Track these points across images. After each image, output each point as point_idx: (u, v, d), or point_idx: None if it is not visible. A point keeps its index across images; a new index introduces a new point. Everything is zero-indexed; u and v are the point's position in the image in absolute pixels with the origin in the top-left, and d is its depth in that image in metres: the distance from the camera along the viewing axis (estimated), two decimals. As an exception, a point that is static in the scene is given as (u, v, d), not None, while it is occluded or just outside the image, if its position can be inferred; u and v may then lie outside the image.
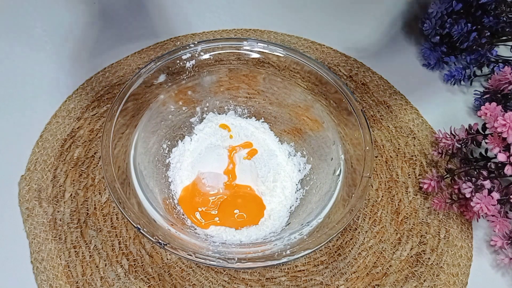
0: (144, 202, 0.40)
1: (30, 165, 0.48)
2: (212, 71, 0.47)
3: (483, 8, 0.53)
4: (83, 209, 0.46)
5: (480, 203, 0.42)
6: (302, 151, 0.49)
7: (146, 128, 0.45)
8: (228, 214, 0.45)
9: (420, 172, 0.50)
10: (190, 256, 0.35)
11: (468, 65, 0.56)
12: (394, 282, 0.44)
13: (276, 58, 0.47)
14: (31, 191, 0.47)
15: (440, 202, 0.46)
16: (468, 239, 0.47)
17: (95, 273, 0.43)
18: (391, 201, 0.48)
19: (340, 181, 0.42)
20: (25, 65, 0.55)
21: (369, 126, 0.42)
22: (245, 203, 0.46)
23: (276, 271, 0.44)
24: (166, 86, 0.45)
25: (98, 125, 0.51)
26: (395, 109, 0.55)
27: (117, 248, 0.44)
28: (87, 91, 0.53)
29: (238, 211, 0.45)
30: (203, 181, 0.46)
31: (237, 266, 0.36)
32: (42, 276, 0.42)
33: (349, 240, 0.46)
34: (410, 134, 0.53)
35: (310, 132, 0.48)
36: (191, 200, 0.46)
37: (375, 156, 0.51)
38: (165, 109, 0.47)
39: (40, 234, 0.44)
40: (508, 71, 0.49)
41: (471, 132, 0.47)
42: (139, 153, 0.43)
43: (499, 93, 0.51)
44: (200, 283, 0.43)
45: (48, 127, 0.51)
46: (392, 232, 0.47)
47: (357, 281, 0.44)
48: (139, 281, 0.43)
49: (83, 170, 0.48)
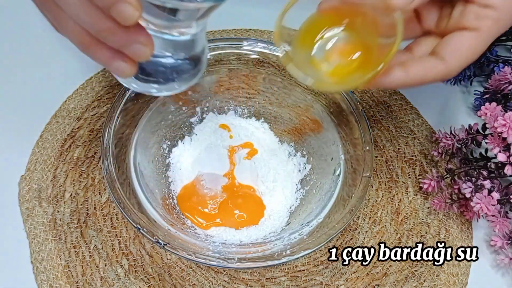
0: (144, 202, 0.40)
1: (30, 165, 0.48)
2: (212, 71, 0.47)
3: (483, 8, 0.53)
4: (83, 209, 0.46)
5: (480, 203, 0.42)
6: (302, 151, 0.49)
7: (146, 128, 0.45)
8: (228, 214, 0.45)
9: (420, 172, 0.50)
10: (190, 256, 0.35)
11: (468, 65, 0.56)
12: (394, 282, 0.44)
13: (276, 58, 0.47)
14: (31, 191, 0.47)
15: (440, 202, 0.46)
16: (468, 239, 0.47)
17: (95, 273, 0.43)
18: (391, 201, 0.48)
19: (340, 181, 0.42)
20: (25, 65, 0.55)
21: (369, 126, 0.42)
22: (245, 203, 0.46)
23: (276, 271, 0.44)
24: (166, 86, 0.45)
25: (98, 125, 0.51)
26: (395, 109, 0.55)
27: (117, 248, 0.44)
28: (87, 91, 0.53)
29: (238, 211, 0.45)
30: (201, 183, 0.46)
31: (237, 266, 0.36)
32: (42, 276, 0.42)
33: (349, 240, 0.46)
34: (410, 134, 0.53)
35: (310, 132, 0.48)
36: (189, 199, 0.46)
37: (375, 156, 0.51)
38: (165, 109, 0.47)
39: (40, 234, 0.44)
40: (508, 71, 0.49)
41: (471, 132, 0.47)
42: (139, 153, 0.43)
43: (499, 93, 0.51)
44: (200, 283, 0.43)
45: (48, 127, 0.51)
46: (392, 232, 0.47)
47: (357, 281, 0.44)
48: (139, 281, 0.43)
49: (83, 170, 0.48)
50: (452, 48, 0.34)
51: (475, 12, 0.33)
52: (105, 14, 0.25)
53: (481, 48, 0.34)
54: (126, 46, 0.27)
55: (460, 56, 0.34)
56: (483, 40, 0.34)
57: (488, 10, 0.33)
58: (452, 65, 0.34)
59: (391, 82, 0.34)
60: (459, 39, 0.34)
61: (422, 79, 0.34)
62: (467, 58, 0.34)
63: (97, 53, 0.28)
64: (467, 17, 0.34)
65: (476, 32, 0.33)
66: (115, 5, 0.24)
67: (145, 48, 0.27)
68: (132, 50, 0.27)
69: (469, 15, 0.33)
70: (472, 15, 0.33)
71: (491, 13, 0.33)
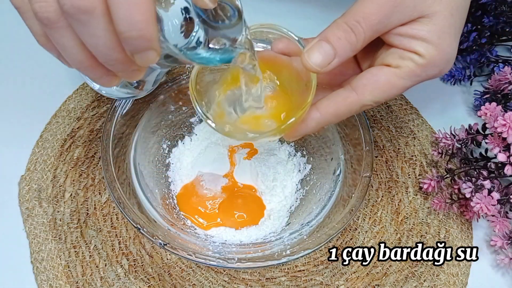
0: (144, 202, 0.40)
1: (30, 165, 0.48)
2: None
3: (483, 8, 0.53)
4: (83, 209, 0.46)
5: (480, 203, 0.42)
6: (302, 151, 0.49)
7: (146, 128, 0.45)
8: (228, 214, 0.45)
9: (420, 172, 0.50)
10: (190, 256, 0.35)
11: (468, 65, 0.56)
12: (394, 282, 0.44)
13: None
14: (31, 191, 0.47)
15: (440, 202, 0.46)
16: (468, 239, 0.47)
17: (95, 273, 0.43)
18: (391, 201, 0.48)
19: (340, 181, 0.42)
20: (25, 65, 0.55)
21: (369, 126, 0.42)
22: (245, 203, 0.46)
23: (276, 271, 0.44)
24: (166, 86, 0.45)
25: (98, 125, 0.51)
26: (395, 109, 0.55)
27: (117, 248, 0.44)
28: (87, 91, 0.53)
29: (238, 211, 0.45)
30: (201, 183, 0.46)
31: (237, 266, 0.36)
32: (42, 276, 0.42)
33: (349, 240, 0.46)
34: (410, 134, 0.53)
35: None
36: (189, 199, 0.46)
37: (375, 156, 0.51)
38: (165, 109, 0.47)
39: (40, 234, 0.44)
40: (508, 71, 0.49)
41: (471, 132, 0.47)
42: (139, 153, 0.43)
43: (499, 93, 0.51)
44: (200, 283, 0.43)
45: (48, 127, 0.51)
46: (392, 232, 0.47)
47: (357, 281, 0.44)
48: (139, 281, 0.43)
49: (83, 170, 0.48)
50: (367, 80, 0.33)
51: (399, 53, 0.33)
52: (121, 47, 0.26)
53: (400, 85, 0.33)
54: (125, 71, 0.28)
55: (373, 87, 0.33)
56: (402, 78, 0.33)
57: (413, 54, 0.32)
58: (365, 95, 0.33)
59: (307, 127, 0.34)
60: (376, 72, 0.33)
61: (335, 113, 0.33)
62: (383, 92, 0.33)
63: (94, 71, 0.28)
64: (392, 56, 0.33)
65: (397, 69, 0.33)
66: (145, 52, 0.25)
67: (140, 73, 0.29)
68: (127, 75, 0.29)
69: (393, 54, 0.33)
70: (396, 55, 0.33)
71: (416, 57, 0.32)
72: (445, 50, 0.33)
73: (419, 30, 0.32)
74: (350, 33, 0.31)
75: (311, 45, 0.32)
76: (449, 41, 0.33)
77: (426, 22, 0.32)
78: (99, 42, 0.25)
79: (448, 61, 0.33)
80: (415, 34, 0.32)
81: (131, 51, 0.25)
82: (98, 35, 0.25)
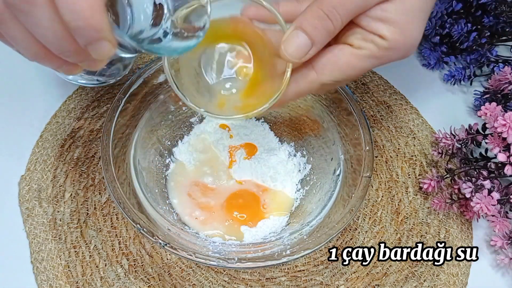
0: (144, 202, 0.40)
1: (30, 165, 0.48)
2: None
3: (483, 8, 0.53)
4: (83, 209, 0.46)
5: (480, 203, 0.42)
6: (302, 151, 0.49)
7: (146, 128, 0.45)
8: (228, 214, 0.45)
9: (420, 172, 0.50)
10: (190, 256, 0.35)
11: (468, 65, 0.56)
12: (394, 282, 0.44)
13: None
14: (31, 191, 0.47)
15: (440, 202, 0.46)
16: (468, 239, 0.47)
17: (95, 273, 0.43)
18: (391, 201, 0.48)
19: (340, 181, 0.42)
20: (25, 65, 0.55)
21: (369, 126, 0.42)
22: (245, 203, 0.46)
23: (276, 271, 0.44)
24: (166, 86, 0.45)
25: (98, 125, 0.51)
26: (395, 109, 0.55)
27: (117, 248, 0.44)
28: (87, 91, 0.53)
29: (238, 211, 0.45)
30: (201, 184, 0.46)
31: (237, 266, 0.36)
32: (42, 276, 0.42)
33: (349, 240, 0.46)
34: (410, 134, 0.53)
35: (310, 132, 0.48)
36: (189, 200, 0.46)
37: (375, 156, 0.51)
38: (165, 109, 0.47)
39: (40, 234, 0.44)
40: (508, 71, 0.49)
41: (471, 132, 0.47)
42: (139, 153, 0.43)
43: (499, 93, 0.51)
44: (200, 283, 0.43)
45: (48, 127, 0.51)
46: (392, 232, 0.47)
47: (357, 281, 0.44)
48: (139, 281, 0.43)
49: (83, 170, 0.48)
50: (327, 60, 0.32)
51: (364, 34, 0.32)
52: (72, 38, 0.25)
53: (359, 66, 0.32)
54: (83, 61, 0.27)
55: (333, 67, 0.32)
56: (362, 60, 0.32)
57: (376, 37, 0.32)
58: (324, 75, 0.33)
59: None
60: (337, 52, 0.32)
61: (296, 90, 0.33)
62: (342, 72, 0.32)
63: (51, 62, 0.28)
64: (355, 36, 0.32)
65: (358, 50, 0.32)
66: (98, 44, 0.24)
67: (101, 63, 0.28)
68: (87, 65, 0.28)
69: (357, 34, 0.32)
70: (359, 36, 0.32)
71: (379, 40, 0.32)
72: (410, 34, 0.32)
73: (387, 11, 0.31)
74: (327, 20, 0.31)
75: (288, 36, 0.31)
76: (416, 24, 0.32)
77: (396, 2, 0.31)
78: (47, 33, 0.24)
79: (412, 45, 0.33)
80: (383, 17, 0.31)
81: (82, 43, 0.24)
82: (44, 26, 0.24)
